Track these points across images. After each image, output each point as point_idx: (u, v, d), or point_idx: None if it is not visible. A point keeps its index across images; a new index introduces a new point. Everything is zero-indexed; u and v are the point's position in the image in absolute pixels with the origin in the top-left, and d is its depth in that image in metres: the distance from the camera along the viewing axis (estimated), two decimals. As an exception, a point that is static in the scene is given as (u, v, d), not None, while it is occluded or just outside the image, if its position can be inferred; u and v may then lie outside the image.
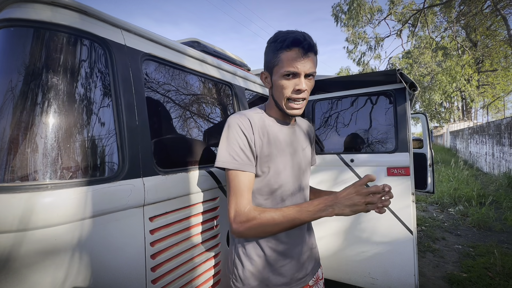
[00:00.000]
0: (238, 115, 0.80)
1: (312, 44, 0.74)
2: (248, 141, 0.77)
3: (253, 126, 0.78)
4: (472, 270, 2.43)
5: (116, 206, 0.74)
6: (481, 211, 3.95)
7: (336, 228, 1.82)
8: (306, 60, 0.73)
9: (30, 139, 0.66)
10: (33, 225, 0.60)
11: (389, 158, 1.71)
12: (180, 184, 0.96)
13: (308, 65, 0.74)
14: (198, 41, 1.61)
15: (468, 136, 10.48)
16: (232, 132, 0.77)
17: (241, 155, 0.75)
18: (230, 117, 0.80)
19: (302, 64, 0.73)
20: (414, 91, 1.67)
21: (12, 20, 0.71)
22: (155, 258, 0.84)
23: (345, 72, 20.00)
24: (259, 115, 0.83)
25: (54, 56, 0.72)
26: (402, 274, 1.63)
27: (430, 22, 12.61)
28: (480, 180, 6.64)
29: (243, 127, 0.77)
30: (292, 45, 0.72)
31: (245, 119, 0.78)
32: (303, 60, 0.73)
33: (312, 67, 0.75)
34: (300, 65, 0.73)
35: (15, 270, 0.59)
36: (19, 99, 0.67)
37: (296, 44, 0.72)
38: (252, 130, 0.78)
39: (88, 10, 0.79)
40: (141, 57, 0.93)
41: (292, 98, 0.77)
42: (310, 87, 0.78)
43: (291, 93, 0.76)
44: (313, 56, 0.75)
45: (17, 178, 0.64)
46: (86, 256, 0.67)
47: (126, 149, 0.81)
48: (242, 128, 0.77)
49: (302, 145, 0.90)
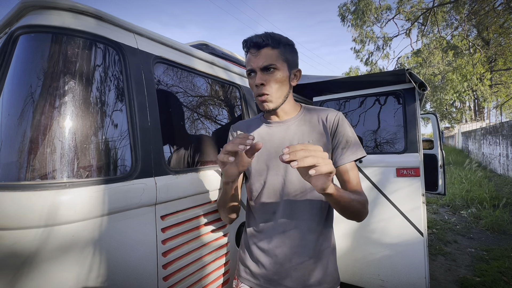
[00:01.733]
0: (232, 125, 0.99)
1: (259, 40, 0.78)
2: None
3: (237, 130, 0.95)
4: (486, 274, 2.36)
5: (130, 204, 0.77)
6: (495, 214, 3.84)
7: (344, 229, 1.81)
8: (259, 56, 0.79)
9: (49, 140, 0.69)
10: (52, 222, 0.63)
11: (398, 158, 1.70)
12: (190, 184, 0.98)
13: (262, 59, 0.78)
14: (207, 43, 1.64)
15: (481, 136, 10.19)
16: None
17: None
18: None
19: (256, 60, 0.79)
20: (423, 91, 1.65)
21: (32, 27, 0.74)
22: (166, 256, 0.86)
23: (355, 72, 19.78)
24: (252, 120, 0.96)
25: (72, 60, 0.75)
26: (413, 277, 1.60)
27: (441, 20, 12.35)
28: (494, 182, 6.45)
29: (230, 133, 0.98)
30: (246, 48, 0.82)
31: (234, 126, 0.98)
32: (256, 57, 0.79)
33: (266, 60, 0.78)
34: (254, 62, 0.79)
35: (37, 264, 0.61)
36: (39, 102, 0.71)
37: (248, 46, 0.80)
38: (236, 133, 0.93)
39: (104, 15, 0.82)
40: (152, 60, 0.95)
41: (256, 94, 0.82)
42: (273, 80, 0.80)
43: (255, 89, 0.82)
44: (268, 50, 0.78)
45: (37, 177, 0.67)
46: (102, 252, 0.70)
47: (139, 149, 0.83)
48: (230, 134, 0.98)
49: (302, 140, 0.84)
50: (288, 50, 0.83)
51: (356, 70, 19.91)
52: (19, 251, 0.60)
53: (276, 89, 0.80)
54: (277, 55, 0.79)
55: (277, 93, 0.81)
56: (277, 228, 0.82)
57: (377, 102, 1.90)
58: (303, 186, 0.82)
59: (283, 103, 0.84)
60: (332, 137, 0.83)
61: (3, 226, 0.60)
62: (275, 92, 0.80)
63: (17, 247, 0.60)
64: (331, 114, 0.85)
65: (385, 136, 1.84)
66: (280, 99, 0.82)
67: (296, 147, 0.55)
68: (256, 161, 0.87)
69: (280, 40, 0.80)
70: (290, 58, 0.83)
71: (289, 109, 0.88)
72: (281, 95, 0.82)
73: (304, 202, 0.81)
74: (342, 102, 2.03)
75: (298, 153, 0.54)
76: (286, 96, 0.84)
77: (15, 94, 0.72)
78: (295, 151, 0.54)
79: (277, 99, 0.81)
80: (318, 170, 0.55)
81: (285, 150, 0.55)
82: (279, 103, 0.82)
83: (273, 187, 0.84)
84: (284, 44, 0.81)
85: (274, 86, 0.80)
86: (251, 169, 0.89)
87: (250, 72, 0.82)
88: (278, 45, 0.80)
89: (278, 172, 0.83)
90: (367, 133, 1.92)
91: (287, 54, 0.82)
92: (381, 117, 1.87)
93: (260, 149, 0.68)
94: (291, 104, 0.88)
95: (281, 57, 0.80)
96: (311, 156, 0.54)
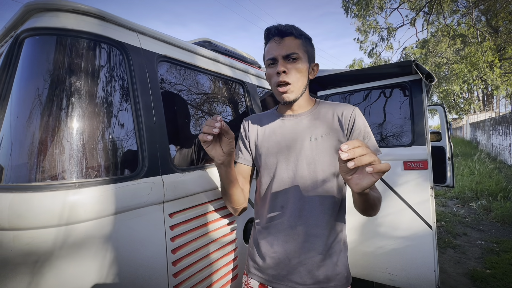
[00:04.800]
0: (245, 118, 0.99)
1: (283, 28, 0.79)
2: (243, 138, 0.95)
3: (249, 124, 0.95)
4: (496, 266, 2.33)
5: (138, 203, 0.78)
6: (506, 205, 3.78)
7: (352, 223, 1.81)
8: (282, 44, 0.79)
9: (58, 141, 0.70)
10: (63, 222, 0.64)
11: (405, 151, 1.67)
12: (197, 181, 0.98)
13: (285, 48, 0.78)
14: (209, 40, 1.63)
15: (490, 127, 9.97)
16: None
17: (237, 151, 0.96)
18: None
19: (278, 49, 0.78)
20: (430, 82, 1.62)
21: (37, 29, 0.75)
22: (175, 253, 0.87)
23: (358, 64, 19.48)
24: (265, 114, 0.95)
25: (77, 61, 0.76)
26: (422, 270, 1.59)
27: (446, 8, 12.00)
28: (504, 173, 6.32)
29: (242, 127, 0.97)
30: (267, 38, 0.82)
31: (246, 119, 0.98)
32: (279, 45, 0.79)
33: (290, 48, 0.78)
34: (276, 50, 0.79)
35: (50, 263, 0.63)
36: (47, 104, 0.72)
37: (270, 35, 0.81)
38: (248, 127, 0.94)
39: (106, 16, 0.82)
40: (156, 58, 0.95)
41: (277, 83, 0.80)
42: (295, 69, 0.79)
43: (275, 78, 0.80)
44: (291, 39, 0.79)
45: (47, 178, 0.68)
46: (112, 250, 0.71)
47: (145, 148, 0.84)
48: (242, 127, 0.97)
49: (315, 134, 0.81)
50: (308, 43, 0.83)
51: (360, 61, 19.60)
52: (33, 251, 0.62)
53: (298, 78, 0.80)
54: (300, 45, 0.80)
55: (298, 83, 0.80)
56: (286, 223, 0.82)
57: (383, 94, 1.87)
58: (314, 181, 0.80)
59: (301, 95, 0.83)
60: (348, 133, 0.82)
61: (17, 227, 0.61)
62: (296, 82, 0.79)
63: (31, 246, 0.62)
64: (347, 109, 0.83)
65: (392, 129, 1.82)
66: (300, 90, 0.81)
67: (354, 143, 0.52)
68: (266, 154, 0.87)
69: (302, 32, 0.82)
70: (310, 51, 0.84)
71: (304, 103, 0.87)
72: (301, 85, 0.81)
73: (315, 197, 0.80)
74: (348, 96, 2.00)
75: (357, 150, 0.52)
76: (305, 88, 0.84)
77: (23, 97, 0.73)
78: (354, 149, 0.52)
79: (298, 89, 0.81)
80: (376, 168, 0.52)
81: (344, 148, 0.52)
82: (298, 94, 0.81)
83: (282, 181, 0.83)
84: (305, 37, 0.82)
85: (296, 75, 0.79)
86: (260, 162, 0.88)
87: (270, 62, 0.81)
88: (300, 36, 0.80)
89: (288, 166, 0.83)
90: (374, 127, 1.90)
91: (307, 46, 0.83)
92: (388, 110, 1.85)
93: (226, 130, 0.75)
94: (306, 98, 0.87)
95: (303, 47, 0.80)
96: (368, 154, 0.52)
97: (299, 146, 0.82)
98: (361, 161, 0.51)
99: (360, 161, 0.51)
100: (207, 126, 0.72)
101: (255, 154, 0.92)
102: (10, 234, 0.61)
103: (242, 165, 0.94)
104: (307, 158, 0.81)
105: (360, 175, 0.57)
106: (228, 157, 0.80)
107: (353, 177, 0.58)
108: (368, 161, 0.52)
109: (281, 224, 0.83)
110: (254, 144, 0.92)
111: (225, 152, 0.78)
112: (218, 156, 0.78)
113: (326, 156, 0.80)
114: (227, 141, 0.77)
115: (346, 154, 0.51)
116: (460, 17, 13.32)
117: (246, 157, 0.94)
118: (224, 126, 0.73)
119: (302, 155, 0.81)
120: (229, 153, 0.79)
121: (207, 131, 0.72)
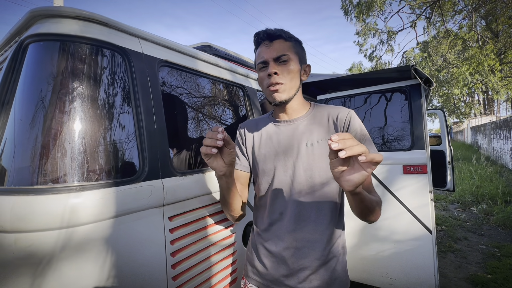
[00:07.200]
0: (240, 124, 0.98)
1: (272, 32, 0.79)
2: (240, 144, 0.95)
3: (244, 129, 0.95)
4: (497, 271, 2.32)
5: (138, 206, 0.79)
6: (507, 210, 3.76)
7: (352, 227, 1.81)
8: (272, 47, 0.79)
9: (60, 145, 0.72)
10: (65, 224, 0.65)
11: (405, 155, 1.68)
12: (196, 185, 0.99)
13: (275, 50, 0.79)
14: (210, 45, 1.65)
15: (491, 131, 9.96)
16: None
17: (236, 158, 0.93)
18: None
19: (268, 52, 0.79)
20: (429, 86, 1.63)
21: (41, 35, 0.77)
22: (175, 256, 0.88)
23: (357, 67, 19.48)
24: (260, 119, 0.95)
25: (79, 66, 0.77)
26: (422, 274, 1.59)
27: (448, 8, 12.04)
28: (505, 177, 6.30)
29: (238, 133, 0.97)
30: (257, 42, 0.83)
31: (242, 124, 0.97)
32: (269, 48, 0.79)
33: (280, 50, 0.78)
34: (266, 53, 0.79)
35: (51, 265, 0.64)
36: (50, 108, 0.73)
37: (259, 40, 0.81)
38: (245, 133, 0.94)
39: (109, 22, 0.84)
40: (157, 63, 0.97)
41: (267, 84, 0.80)
42: (286, 71, 0.79)
43: (267, 81, 0.80)
44: (281, 42, 0.80)
45: (49, 181, 0.69)
46: (112, 253, 0.72)
47: (146, 152, 0.85)
48: (238, 132, 0.97)
49: (311, 140, 0.82)
50: (298, 45, 0.84)
51: (359, 65, 19.62)
52: (35, 253, 0.63)
53: (289, 79, 0.80)
54: (290, 47, 0.80)
55: (290, 83, 0.80)
56: (284, 229, 0.82)
57: (383, 99, 1.89)
58: (311, 187, 0.80)
59: (294, 96, 0.82)
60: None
61: (19, 229, 0.62)
62: (288, 82, 0.80)
63: (33, 249, 0.62)
64: (342, 112, 0.83)
65: (391, 133, 1.83)
66: (292, 90, 0.81)
67: (345, 135, 0.52)
68: (264, 160, 0.87)
69: (291, 35, 0.83)
70: (301, 53, 0.85)
71: (298, 107, 0.86)
72: (293, 86, 0.81)
73: (313, 203, 0.80)
74: (347, 100, 2.02)
75: (347, 141, 0.51)
76: (297, 90, 0.83)
77: (27, 101, 0.75)
78: (344, 139, 0.51)
79: (289, 89, 0.80)
80: (369, 157, 0.51)
81: (334, 138, 0.51)
82: (291, 95, 0.81)
83: (280, 187, 0.83)
84: (295, 39, 0.84)
85: (288, 76, 0.79)
86: (258, 168, 0.88)
87: (262, 66, 0.81)
88: (290, 39, 0.81)
89: (285, 172, 0.83)
90: (373, 131, 1.91)
91: (298, 48, 0.83)
92: (387, 114, 1.86)
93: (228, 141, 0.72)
94: (300, 101, 0.87)
95: (293, 49, 0.81)
96: (359, 144, 0.52)
97: (296, 152, 0.82)
98: (352, 150, 0.51)
99: (352, 150, 0.51)
100: (209, 139, 0.69)
101: (252, 161, 0.92)
102: (12, 236, 0.62)
103: (240, 171, 0.93)
104: (303, 164, 0.81)
105: (351, 170, 0.55)
106: (229, 167, 0.77)
107: (344, 174, 0.56)
108: (359, 150, 0.51)
109: (280, 229, 0.83)
110: (251, 150, 0.92)
111: (226, 163, 0.75)
112: (220, 168, 0.75)
113: (322, 162, 0.80)
114: (228, 152, 0.74)
115: (336, 144, 0.51)
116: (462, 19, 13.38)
117: (243, 164, 0.93)
118: (226, 137, 0.70)
119: (299, 161, 0.81)
120: (230, 164, 0.76)
121: (210, 144, 0.68)
